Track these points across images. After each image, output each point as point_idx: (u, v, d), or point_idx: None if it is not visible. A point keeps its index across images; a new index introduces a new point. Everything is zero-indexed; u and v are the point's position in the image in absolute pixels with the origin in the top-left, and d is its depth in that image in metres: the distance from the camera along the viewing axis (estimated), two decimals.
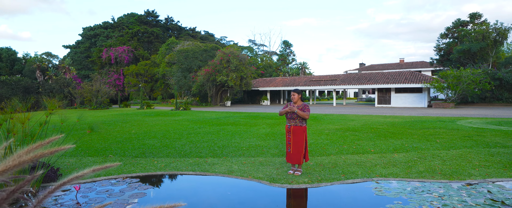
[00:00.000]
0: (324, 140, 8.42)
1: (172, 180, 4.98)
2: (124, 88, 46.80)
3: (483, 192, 3.77)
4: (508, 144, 7.38)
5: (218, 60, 30.66)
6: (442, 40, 36.31)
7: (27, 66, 48.14)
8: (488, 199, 3.53)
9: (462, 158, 5.95)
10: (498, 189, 3.91)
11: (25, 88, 40.48)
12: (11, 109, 3.50)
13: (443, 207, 3.28)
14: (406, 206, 3.35)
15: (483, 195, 3.66)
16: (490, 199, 3.51)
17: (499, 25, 29.59)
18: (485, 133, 9.29)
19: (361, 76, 31.12)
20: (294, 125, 4.87)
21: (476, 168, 5.11)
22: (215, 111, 22.92)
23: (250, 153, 6.76)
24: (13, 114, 3.66)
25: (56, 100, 4.45)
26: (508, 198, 3.54)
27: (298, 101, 4.96)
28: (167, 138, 9.17)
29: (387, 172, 4.91)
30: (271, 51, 61.14)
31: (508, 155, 6.16)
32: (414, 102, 26.97)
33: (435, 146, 7.23)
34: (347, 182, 4.42)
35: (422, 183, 4.22)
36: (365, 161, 5.76)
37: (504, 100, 27.51)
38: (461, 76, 23.72)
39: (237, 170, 5.23)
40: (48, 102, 3.77)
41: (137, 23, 54.00)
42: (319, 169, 5.21)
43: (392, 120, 13.98)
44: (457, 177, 4.56)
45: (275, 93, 39.32)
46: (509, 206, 3.32)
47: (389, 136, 8.92)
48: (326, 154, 6.48)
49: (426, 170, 5.01)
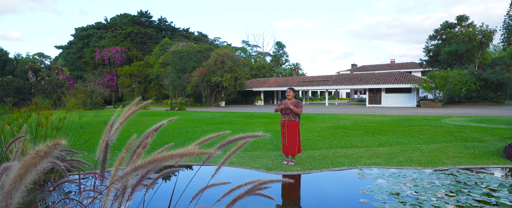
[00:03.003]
0: (316, 136, 8.99)
1: (178, 170, 5.47)
2: (117, 89, 46.84)
3: (450, 176, 4.36)
4: (484, 139, 8.03)
5: (212, 61, 31.11)
6: (431, 41, 37.37)
7: (19, 67, 47.79)
8: (453, 180, 4.12)
9: (440, 150, 6.56)
10: (464, 173, 4.51)
11: (18, 89, 40.23)
12: (39, 106, 3.96)
13: (414, 187, 3.86)
14: (383, 187, 3.91)
15: (450, 178, 4.25)
16: (455, 181, 4.11)
17: (484, 28, 30.68)
18: (466, 130, 9.95)
19: (353, 77, 31.91)
20: (289, 119, 5.42)
21: (450, 158, 5.72)
22: (210, 111, 23.37)
23: (247, 147, 7.27)
24: (37, 110, 4.12)
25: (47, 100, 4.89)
26: (470, 180, 4.14)
27: (292, 99, 5.51)
28: (166, 135, 9.63)
29: (370, 162, 5.49)
30: (264, 52, 61.75)
31: (481, 148, 6.79)
32: (403, 102, 27.82)
33: (418, 141, 7.84)
34: (334, 169, 4.99)
35: (400, 169, 4.81)
36: (352, 154, 6.33)
37: (489, 100, 28.54)
38: (448, 77, 24.63)
39: (236, 162, 5.75)
40: (68, 101, 4.23)
41: (130, 23, 54.06)
42: (311, 160, 5.76)
43: (381, 118, 14.64)
44: (431, 165, 5.16)
45: (269, 94, 39.89)
46: (469, 185, 3.91)
47: (376, 133, 9.52)
48: (317, 148, 7.03)
49: (405, 160, 5.60)
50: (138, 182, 1.10)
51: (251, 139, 1.28)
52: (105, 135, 1.30)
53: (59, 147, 0.62)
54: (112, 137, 1.22)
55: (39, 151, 0.61)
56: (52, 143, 0.63)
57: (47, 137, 4.02)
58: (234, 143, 1.26)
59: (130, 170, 0.90)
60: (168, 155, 0.87)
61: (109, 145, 1.29)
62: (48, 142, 0.65)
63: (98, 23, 57.18)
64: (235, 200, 1.21)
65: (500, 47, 51.02)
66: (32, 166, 0.59)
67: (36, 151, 0.60)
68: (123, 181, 1.02)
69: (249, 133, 1.32)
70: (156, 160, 0.88)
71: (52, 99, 29.91)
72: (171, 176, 5.06)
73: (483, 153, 6.20)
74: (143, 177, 1.08)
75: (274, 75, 51.35)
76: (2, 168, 0.99)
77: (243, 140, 1.25)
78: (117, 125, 1.21)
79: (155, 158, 0.88)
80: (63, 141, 0.64)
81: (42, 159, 0.60)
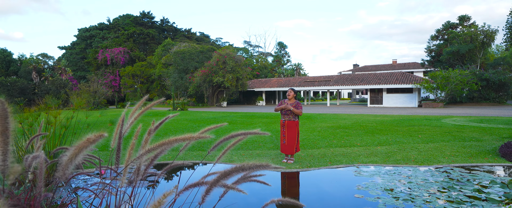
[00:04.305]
0: (316, 136, 9.13)
1: (182, 167, 5.64)
2: (120, 89, 47.16)
3: (444, 174, 4.50)
4: (482, 139, 8.15)
5: (214, 61, 31.32)
6: (433, 42, 37.38)
7: (23, 67, 48.22)
8: (446, 178, 4.26)
9: (437, 149, 6.69)
10: (457, 171, 4.65)
11: (21, 89, 40.60)
12: (48, 105, 4.14)
13: (408, 184, 4.00)
14: (378, 183, 4.06)
15: (443, 176, 4.39)
16: (448, 178, 4.25)
17: (486, 28, 30.69)
18: (465, 129, 10.06)
19: (354, 77, 32.00)
20: (288, 119, 5.57)
21: (446, 157, 5.85)
22: (212, 111, 23.56)
23: (247, 146, 7.43)
24: (46, 109, 4.30)
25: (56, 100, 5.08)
26: (463, 177, 4.28)
27: (293, 99, 5.66)
28: (169, 134, 9.81)
29: (367, 160, 5.63)
30: (266, 52, 61.92)
31: (478, 147, 6.91)
32: (405, 102, 27.89)
33: (416, 140, 7.97)
34: (332, 167, 5.14)
35: (395, 167, 4.95)
36: (351, 152, 6.47)
37: (491, 100, 28.55)
38: (449, 77, 24.68)
39: (237, 160, 5.91)
40: (74, 101, 4.41)
41: (132, 24, 54.40)
42: (309, 159, 5.91)
43: (381, 118, 14.76)
44: (426, 163, 5.29)
45: (270, 94, 40.05)
46: (461, 182, 4.05)
47: (376, 132, 9.65)
48: (316, 147, 7.18)
49: (402, 159, 5.74)
50: (150, 163, 1.26)
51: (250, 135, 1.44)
52: (118, 128, 1.47)
53: (103, 137, 0.79)
54: (127, 129, 1.39)
55: (89, 138, 0.78)
56: (98, 133, 0.80)
57: (55, 135, 4.19)
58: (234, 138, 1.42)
59: (145, 151, 1.07)
60: (173, 139, 1.04)
61: (122, 136, 1.45)
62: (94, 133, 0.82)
63: (101, 24, 57.59)
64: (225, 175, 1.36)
65: (503, 47, 50.87)
66: (83, 148, 0.76)
67: (87, 138, 0.78)
68: (138, 161, 1.19)
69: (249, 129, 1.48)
70: (164, 143, 1.04)
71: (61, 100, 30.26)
72: (174, 176, 5.23)
73: (479, 152, 6.32)
74: (155, 158, 1.23)
75: (275, 75, 51.49)
76: (32, 156, 1.16)
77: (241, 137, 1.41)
78: (131, 120, 1.37)
79: (164, 142, 1.05)
80: (105, 133, 0.80)
81: (90, 143, 0.77)
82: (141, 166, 1.31)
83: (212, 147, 1.52)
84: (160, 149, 1.10)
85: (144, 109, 1.50)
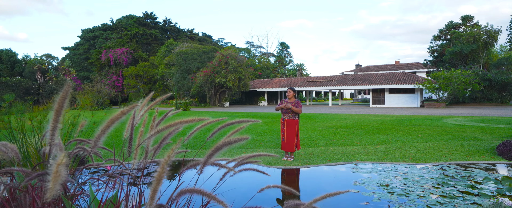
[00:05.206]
0: (316, 135, 9.25)
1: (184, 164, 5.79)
2: (123, 89, 47.49)
3: (440, 171, 4.61)
4: (481, 138, 8.22)
5: (216, 61, 31.50)
6: (436, 42, 37.31)
7: (28, 68, 48.68)
8: (441, 174, 4.37)
9: (435, 148, 6.79)
10: (453, 168, 4.75)
11: (26, 89, 41.06)
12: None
13: (404, 180, 4.12)
14: (374, 179, 4.18)
15: (439, 173, 4.50)
16: (443, 175, 4.36)
17: (489, 28, 30.60)
18: (465, 129, 10.13)
19: (356, 77, 32.05)
20: (288, 118, 5.71)
21: (443, 155, 5.95)
22: (215, 111, 23.72)
23: (249, 145, 7.57)
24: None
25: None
26: (458, 174, 4.38)
27: (292, 98, 5.79)
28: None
29: (366, 158, 5.75)
30: (268, 52, 62.01)
31: (476, 146, 7.00)
32: (407, 102, 27.91)
33: (416, 140, 8.06)
34: (331, 164, 5.26)
35: (393, 165, 5.07)
36: (350, 151, 6.59)
37: (494, 100, 28.48)
38: (451, 77, 24.68)
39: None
40: (81, 100, 4.56)
41: (135, 25, 54.74)
42: (309, 157, 6.04)
43: (383, 118, 14.84)
44: (423, 161, 5.40)
45: (273, 94, 40.17)
46: (456, 178, 4.16)
47: (376, 132, 9.75)
48: (316, 146, 7.30)
49: (400, 157, 5.85)
50: (159, 145, 1.41)
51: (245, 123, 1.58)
52: (131, 120, 1.62)
53: (134, 108, 0.96)
54: (138, 120, 1.53)
55: (123, 110, 0.95)
56: (129, 106, 0.97)
57: (64, 132, 4.35)
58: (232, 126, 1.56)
59: (154, 132, 1.21)
60: (178, 121, 1.19)
61: (133, 127, 1.60)
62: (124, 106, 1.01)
63: (104, 24, 57.99)
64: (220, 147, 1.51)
65: (507, 47, 50.65)
66: (115, 120, 0.93)
67: (121, 110, 0.95)
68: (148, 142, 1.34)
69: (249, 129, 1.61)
70: (171, 125, 1.19)
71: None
72: (176, 176, 5.37)
73: (477, 150, 6.42)
74: (164, 141, 1.37)
75: (278, 75, 51.60)
76: (43, 149, 1.32)
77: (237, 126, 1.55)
78: (142, 112, 1.52)
79: (170, 124, 1.20)
80: (138, 103, 0.98)
81: (123, 114, 0.94)
82: (149, 148, 1.45)
83: (211, 134, 1.67)
84: (168, 131, 1.25)
85: (152, 104, 1.66)
